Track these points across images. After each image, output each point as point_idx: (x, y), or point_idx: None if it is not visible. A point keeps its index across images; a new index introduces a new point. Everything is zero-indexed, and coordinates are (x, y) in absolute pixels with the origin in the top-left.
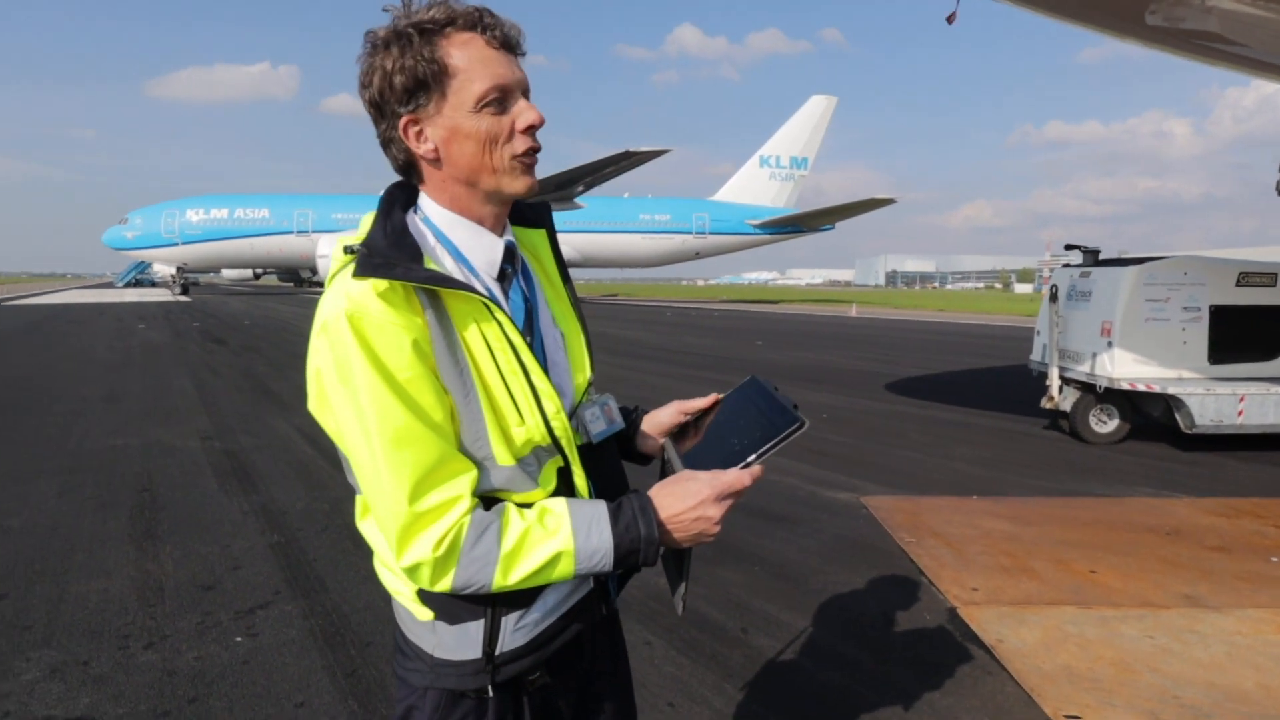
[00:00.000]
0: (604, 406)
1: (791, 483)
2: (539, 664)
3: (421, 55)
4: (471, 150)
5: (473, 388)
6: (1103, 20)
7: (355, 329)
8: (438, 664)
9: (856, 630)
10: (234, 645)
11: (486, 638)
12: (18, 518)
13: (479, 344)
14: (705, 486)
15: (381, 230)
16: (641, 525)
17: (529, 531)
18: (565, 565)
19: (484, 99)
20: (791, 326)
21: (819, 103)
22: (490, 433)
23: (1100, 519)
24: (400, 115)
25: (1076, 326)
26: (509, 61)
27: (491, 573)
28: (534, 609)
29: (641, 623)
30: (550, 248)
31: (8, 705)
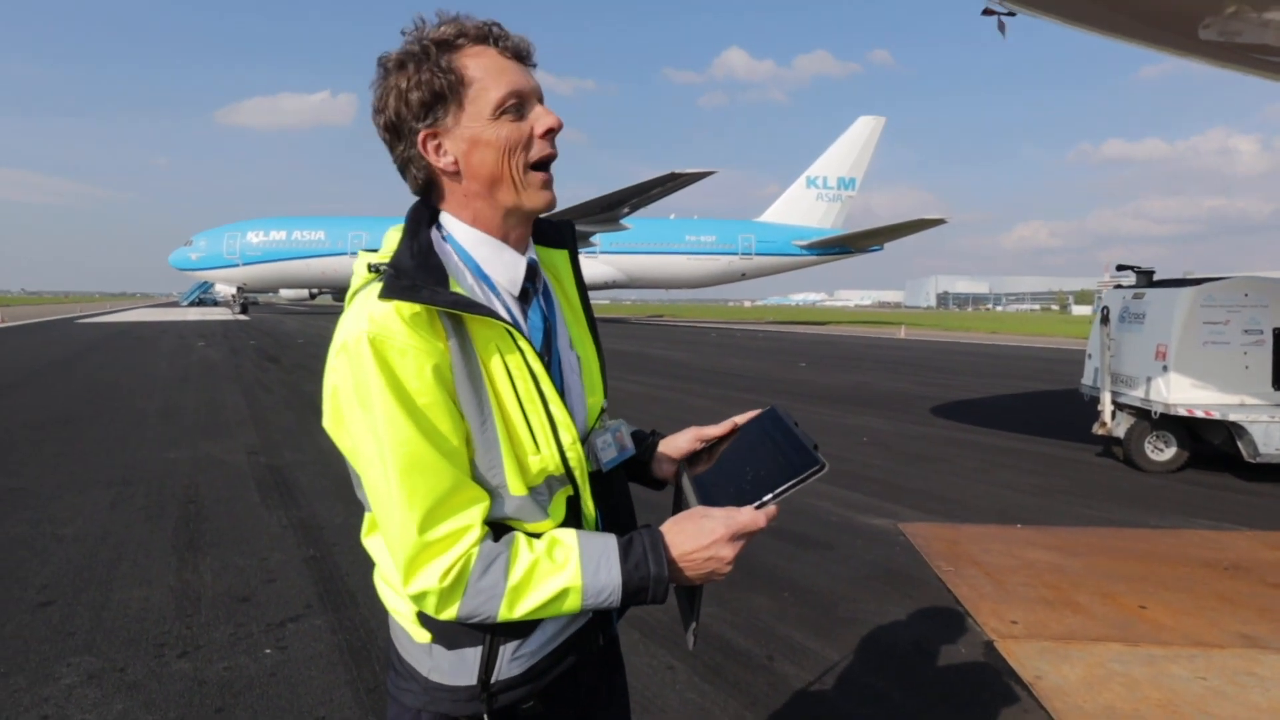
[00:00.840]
0: (615, 433)
1: (825, 507)
2: (534, 694)
3: (438, 68)
4: (492, 159)
5: (490, 416)
6: (1155, 36)
7: (377, 352)
8: (431, 687)
9: (887, 662)
10: (263, 657)
11: (483, 665)
12: (71, 526)
13: (500, 371)
14: (720, 525)
15: (409, 250)
16: (651, 563)
17: (537, 564)
18: (573, 600)
19: (502, 105)
20: (837, 348)
21: (867, 123)
22: (505, 461)
23: (1152, 551)
24: (418, 131)
25: (1130, 350)
26: (522, 70)
27: (497, 606)
28: (532, 639)
29: (665, 647)
30: (571, 269)
31: (46, 709)
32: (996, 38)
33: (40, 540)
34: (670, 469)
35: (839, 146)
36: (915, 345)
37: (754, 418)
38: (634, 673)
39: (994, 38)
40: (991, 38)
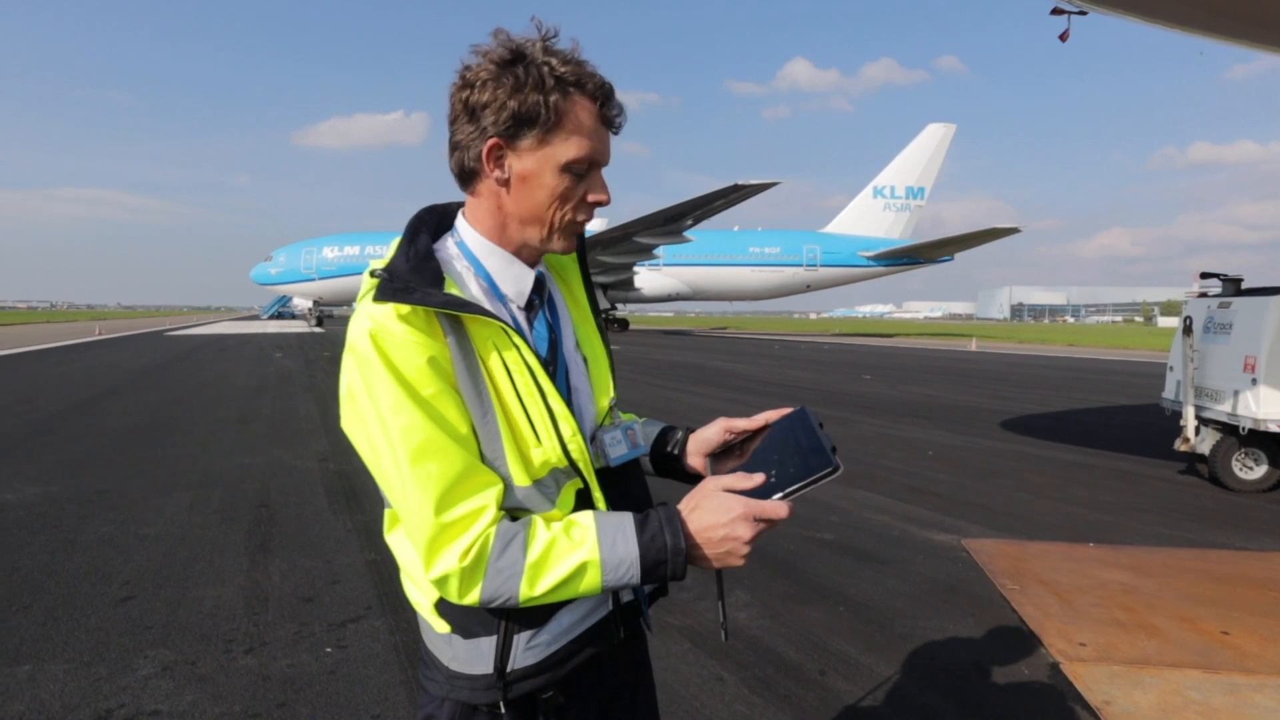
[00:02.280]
0: (627, 430)
1: (885, 521)
2: (552, 684)
3: (545, 99)
4: (540, 199)
5: (490, 409)
6: (1257, 35)
7: (378, 347)
8: (452, 676)
9: (944, 680)
10: (324, 655)
11: (498, 654)
12: (153, 527)
13: (499, 367)
14: (739, 504)
15: (404, 256)
16: (668, 535)
17: (555, 542)
18: (592, 577)
19: (574, 164)
20: (904, 361)
21: (936, 131)
22: (507, 453)
23: (1238, 574)
24: (491, 135)
25: (1215, 362)
26: (608, 141)
27: (518, 584)
28: (547, 629)
29: (715, 658)
30: (580, 273)
31: (123, 698)
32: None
33: (125, 540)
34: (701, 463)
35: (907, 155)
36: (986, 358)
37: (784, 416)
38: (683, 682)
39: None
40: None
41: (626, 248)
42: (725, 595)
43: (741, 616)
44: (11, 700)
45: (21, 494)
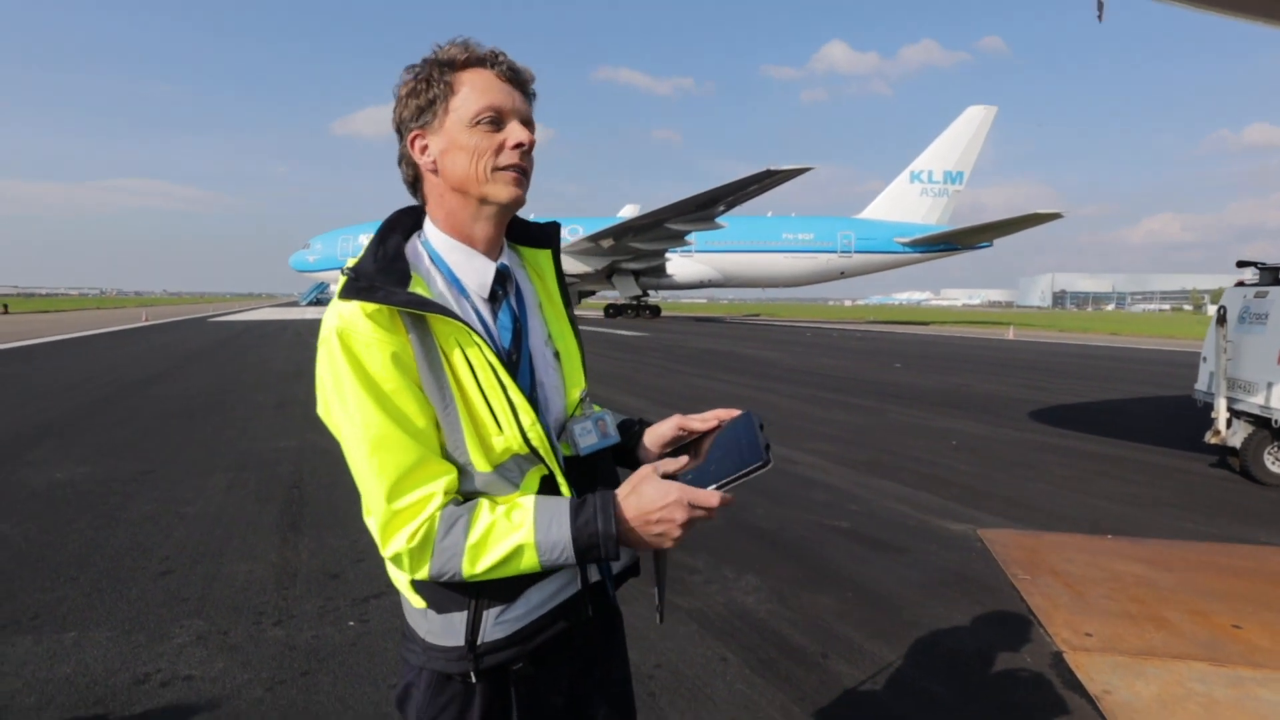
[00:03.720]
0: (598, 421)
1: (902, 510)
2: (521, 656)
3: (437, 81)
4: (464, 161)
5: (451, 400)
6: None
7: (344, 345)
8: (429, 648)
9: (945, 666)
10: (347, 629)
11: (469, 628)
12: (193, 506)
13: (460, 360)
14: (675, 490)
15: (372, 256)
16: (600, 521)
17: (494, 525)
18: (529, 557)
19: (479, 116)
20: (937, 349)
21: (976, 113)
22: (468, 441)
23: (1260, 569)
24: (411, 131)
25: (1250, 353)
26: (511, 92)
27: (460, 563)
28: (516, 605)
29: (720, 640)
30: (555, 271)
31: (160, 664)
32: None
33: (165, 518)
34: (654, 456)
35: (946, 139)
36: (1023, 347)
37: (733, 418)
38: (688, 662)
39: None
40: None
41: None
42: (665, 579)
43: (749, 600)
44: (59, 663)
45: (71, 473)
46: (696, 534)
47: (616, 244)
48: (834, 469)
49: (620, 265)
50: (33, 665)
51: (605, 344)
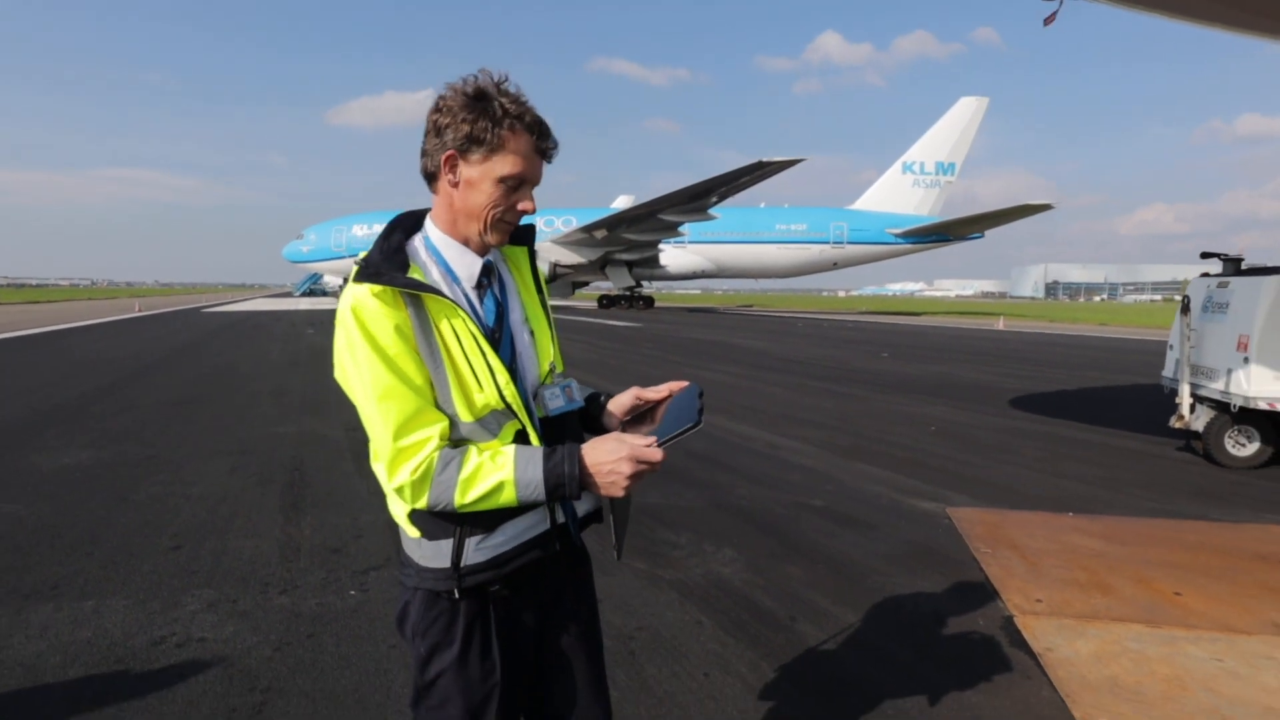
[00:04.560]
0: (565, 388)
1: (877, 490)
2: (498, 579)
3: (492, 127)
4: (480, 202)
5: (441, 363)
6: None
7: (357, 318)
8: (421, 570)
9: (903, 628)
10: (348, 597)
11: (454, 552)
12: (197, 488)
13: (449, 331)
14: (625, 448)
15: (379, 249)
16: (566, 466)
17: (482, 465)
18: (509, 492)
19: (505, 178)
20: (927, 339)
21: (968, 105)
22: (454, 396)
23: (1206, 543)
24: (448, 148)
25: (1211, 340)
26: (539, 165)
27: (453, 494)
28: (494, 535)
29: (697, 606)
30: (530, 266)
31: (174, 628)
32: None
33: (172, 499)
34: (616, 422)
35: (938, 130)
36: (1011, 337)
37: (682, 389)
38: (666, 625)
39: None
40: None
41: (651, 225)
42: (624, 525)
43: (726, 571)
44: (80, 628)
45: (78, 458)
46: (681, 513)
47: (610, 235)
48: (815, 453)
49: (614, 256)
50: (55, 629)
51: (597, 334)
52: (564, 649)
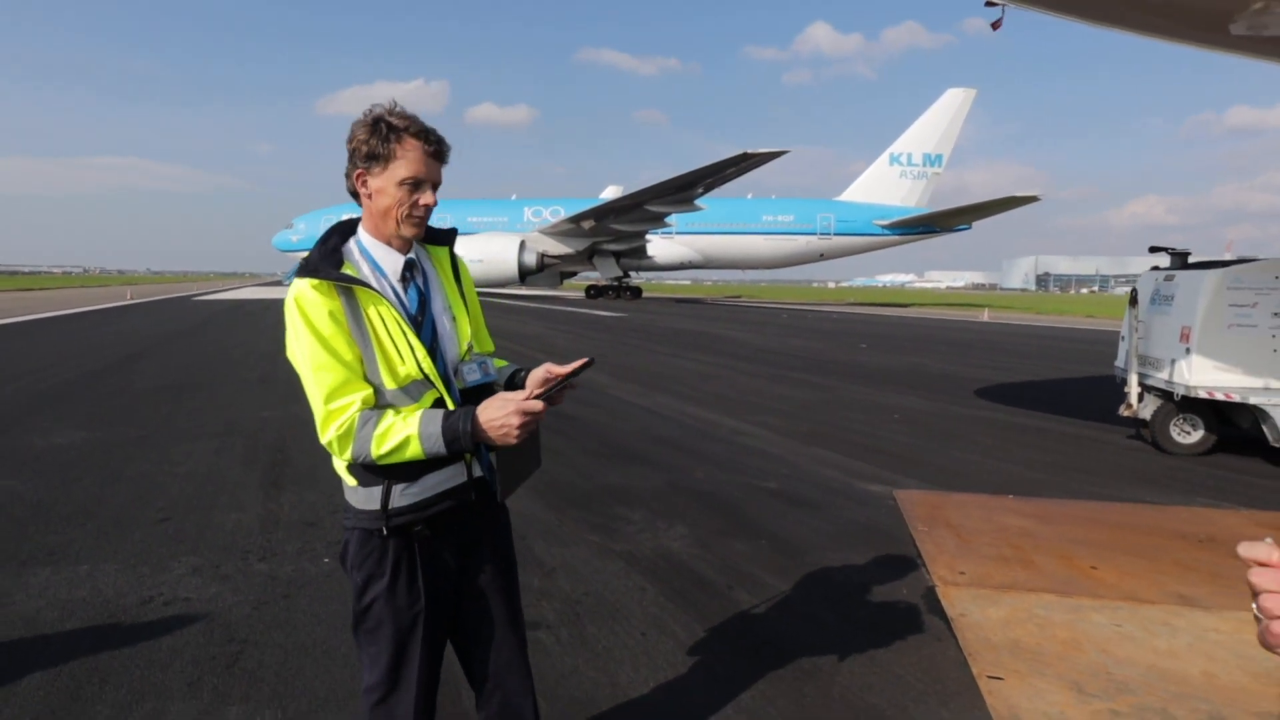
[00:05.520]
0: (481, 364)
1: (829, 474)
2: (420, 521)
3: (384, 142)
4: (387, 204)
5: (369, 341)
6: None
7: (299, 306)
8: (357, 513)
9: (831, 596)
10: (322, 564)
11: (383, 497)
12: (184, 466)
13: (375, 315)
14: (511, 404)
15: (318, 251)
16: (461, 423)
17: (394, 424)
18: (414, 445)
19: (404, 181)
20: (909, 330)
21: (955, 96)
22: (381, 368)
23: (1131, 523)
24: (358, 168)
25: (1158, 332)
26: (433, 165)
27: (369, 446)
28: (416, 484)
29: (643, 574)
30: (449, 259)
31: (162, 589)
32: (991, 25)
33: (160, 476)
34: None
35: (925, 121)
36: (993, 329)
37: (584, 364)
38: (612, 591)
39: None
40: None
41: (638, 216)
42: (512, 468)
43: (675, 545)
44: (75, 588)
45: (71, 438)
46: (639, 493)
47: (597, 225)
48: (776, 439)
49: (601, 246)
50: (53, 589)
51: (582, 324)
52: (482, 586)
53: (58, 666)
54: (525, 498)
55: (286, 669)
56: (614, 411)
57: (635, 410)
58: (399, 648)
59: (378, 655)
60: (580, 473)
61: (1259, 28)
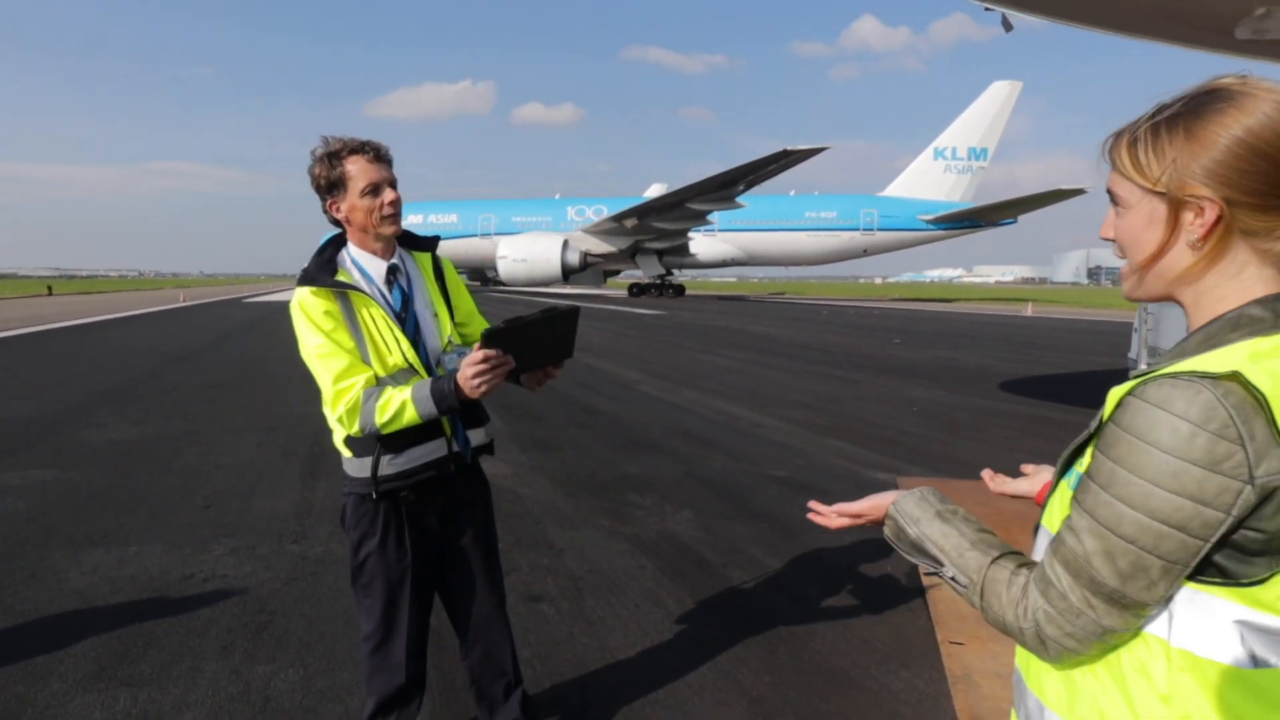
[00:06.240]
0: (460, 354)
1: (840, 464)
2: (406, 488)
3: (334, 168)
4: (361, 216)
5: (362, 337)
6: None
7: (302, 308)
8: (353, 480)
9: (821, 574)
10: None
11: (373, 467)
12: (229, 458)
13: (366, 315)
14: (474, 360)
15: (316, 261)
16: (446, 384)
17: (392, 395)
18: (410, 409)
19: (364, 191)
20: (948, 325)
21: (1001, 89)
22: (373, 359)
23: None
24: (327, 199)
25: (1166, 323)
26: (380, 168)
27: (374, 417)
28: (402, 456)
29: (646, 554)
30: (431, 263)
31: (202, 567)
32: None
33: (206, 468)
34: None
35: (969, 115)
36: (1034, 323)
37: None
38: (615, 568)
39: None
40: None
41: (680, 214)
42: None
43: (679, 528)
44: (124, 566)
45: (127, 433)
46: (653, 481)
47: (640, 223)
48: (794, 431)
49: (644, 245)
50: (105, 568)
51: (622, 322)
52: (464, 548)
53: (108, 632)
54: (543, 486)
55: (310, 634)
56: (640, 406)
57: (660, 405)
58: (390, 599)
59: (372, 606)
60: (601, 463)
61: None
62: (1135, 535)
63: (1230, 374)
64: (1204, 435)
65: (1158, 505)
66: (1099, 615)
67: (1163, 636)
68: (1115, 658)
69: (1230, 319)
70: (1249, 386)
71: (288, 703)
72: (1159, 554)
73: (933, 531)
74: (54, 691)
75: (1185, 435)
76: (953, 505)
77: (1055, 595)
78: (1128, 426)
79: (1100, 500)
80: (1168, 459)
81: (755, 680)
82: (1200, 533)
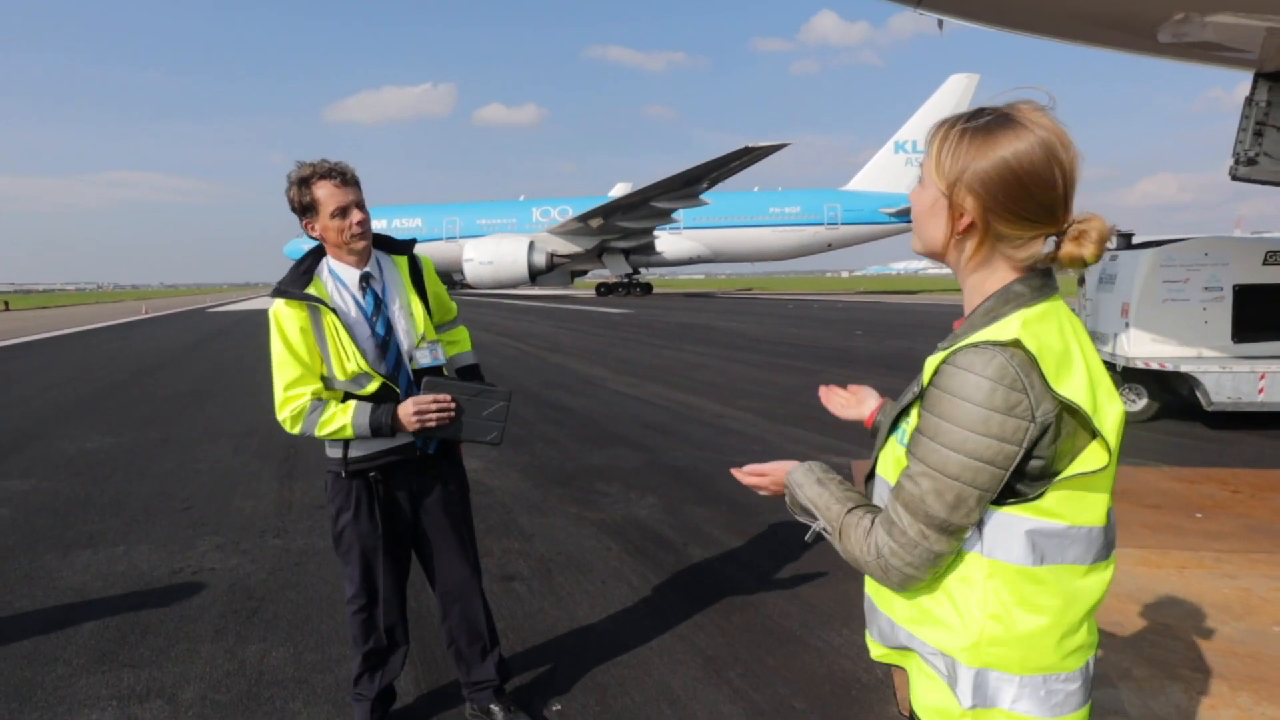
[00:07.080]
0: (431, 349)
1: (797, 449)
2: (373, 469)
3: (304, 194)
4: (333, 235)
5: (327, 345)
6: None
7: (275, 319)
8: (330, 461)
9: (775, 548)
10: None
11: (343, 451)
12: (205, 463)
13: (330, 325)
14: (416, 400)
15: (293, 273)
16: (383, 416)
17: (335, 413)
18: (348, 430)
19: (333, 213)
20: (909, 317)
21: (959, 81)
22: (334, 365)
23: None
24: (304, 220)
25: (1105, 309)
26: (347, 190)
27: (314, 428)
28: (372, 443)
29: (611, 536)
30: (407, 266)
31: (189, 562)
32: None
33: (184, 472)
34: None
35: (929, 108)
36: None
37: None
38: (581, 550)
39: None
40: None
41: (645, 213)
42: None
43: (643, 513)
44: (114, 564)
45: (100, 443)
46: (618, 470)
47: (605, 223)
48: (754, 420)
49: (610, 244)
50: (95, 565)
51: (588, 321)
52: (436, 521)
53: (106, 619)
54: (514, 478)
55: (298, 617)
56: (607, 401)
57: (627, 399)
58: (367, 566)
59: (353, 572)
60: (568, 456)
61: (1181, 35)
62: (958, 473)
63: (1013, 340)
64: (1001, 389)
65: (973, 447)
66: (931, 544)
67: (978, 552)
68: (944, 574)
69: (1000, 294)
70: (1024, 349)
71: (281, 675)
72: (976, 485)
73: (811, 493)
74: (60, 675)
75: (987, 390)
76: (833, 474)
77: (897, 532)
78: (945, 387)
79: (930, 449)
80: (977, 409)
81: (710, 641)
82: (1003, 464)
